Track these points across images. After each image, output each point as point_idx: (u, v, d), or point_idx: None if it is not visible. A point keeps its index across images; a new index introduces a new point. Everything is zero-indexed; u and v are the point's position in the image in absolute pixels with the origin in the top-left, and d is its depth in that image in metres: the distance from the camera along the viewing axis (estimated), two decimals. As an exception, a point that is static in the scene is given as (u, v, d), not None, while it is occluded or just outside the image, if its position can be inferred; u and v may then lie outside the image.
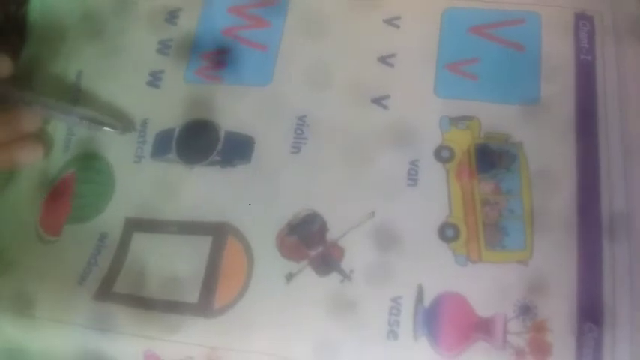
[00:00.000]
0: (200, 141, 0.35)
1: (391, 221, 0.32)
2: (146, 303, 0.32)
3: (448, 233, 0.32)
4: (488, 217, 0.32)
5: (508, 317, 0.30)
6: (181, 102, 0.36)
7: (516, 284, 0.30)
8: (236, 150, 0.35)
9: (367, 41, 0.36)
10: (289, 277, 0.32)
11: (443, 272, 0.31)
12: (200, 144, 0.35)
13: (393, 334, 0.30)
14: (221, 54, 0.37)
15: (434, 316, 0.30)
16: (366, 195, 0.33)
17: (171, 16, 0.38)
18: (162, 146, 0.36)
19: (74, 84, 0.38)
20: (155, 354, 0.31)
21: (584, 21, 0.35)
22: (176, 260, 0.33)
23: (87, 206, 0.35)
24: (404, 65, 0.35)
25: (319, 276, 0.32)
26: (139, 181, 0.35)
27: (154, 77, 0.37)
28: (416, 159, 0.33)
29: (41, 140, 0.37)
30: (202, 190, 0.34)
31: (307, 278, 0.32)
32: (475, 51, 0.35)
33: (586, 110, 0.33)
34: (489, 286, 0.30)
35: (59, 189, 0.36)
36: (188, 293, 0.32)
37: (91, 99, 0.37)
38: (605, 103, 0.33)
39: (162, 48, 0.38)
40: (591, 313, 0.29)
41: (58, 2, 0.40)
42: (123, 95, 0.37)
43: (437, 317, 0.30)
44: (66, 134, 0.37)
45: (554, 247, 0.31)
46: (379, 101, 0.35)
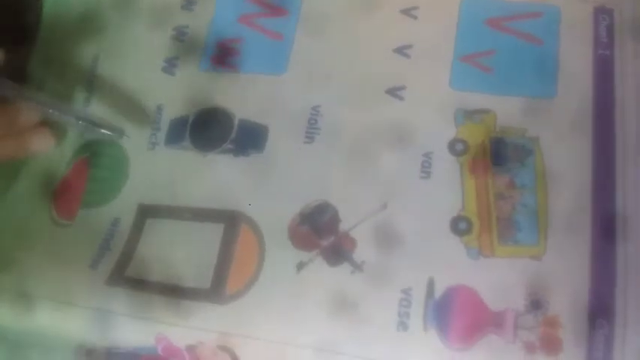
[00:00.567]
0: (214, 129, 0.35)
1: (403, 213, 0.32)
2: (158, 288, 0.32)
3: (461, 226, 0.32)
4: (501, 211, 0.32)
5: (519, 312, 0.30)
6: (196, 89, 0.36)
7: (528, 279, 0.30)
8: (249, 138, 0.35)
9: (383, 32, 0.36)
10: (300, 267, 0.32)
11: (454, 265, 0.31)
12: (214, 132, 0.35)
13: (403, 326, 0.30)
14: (236, 42, 0.37)
15: (444, 309, 0.30)
16: (379, 186, 0.33)
17: (187, 3, 0.38)
18: (176, 133, 0.36)
19: (90, 69, 0.38)
20: (166, 338, 0.32)
21: (603, 15, 0.35)
22: (189, 247, 0.33)
23: (100, 191, 0.36)
24: (420, 56, 0.35)
25: (330, 266, 0.32)
26: (153, 168, 0.35)
27: (169, 64, 0.37)
28: (429, 151, 0.33)
29: (53, 128, 0.37)
30: (215, 178, 0.34)
31: (318, 268, 0.32)
32: (491, 43, 0.35)
33: (603, 106, 0.33)
34: (501, 281, 0.30)
35: (73, 173, 0.36)
36: (200, 280, 0.32)
37: (106, 84, 0.37)
38: (622, 99, 0.33)
39: (177, 34, 0.38)
40: (602, 310, 0.29)
41: None
42: (138, 81, 0.37)
43: (447, 310, 0.30)
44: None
45: (567, 244, 0.30)
46: (394, 92, 0.34)
